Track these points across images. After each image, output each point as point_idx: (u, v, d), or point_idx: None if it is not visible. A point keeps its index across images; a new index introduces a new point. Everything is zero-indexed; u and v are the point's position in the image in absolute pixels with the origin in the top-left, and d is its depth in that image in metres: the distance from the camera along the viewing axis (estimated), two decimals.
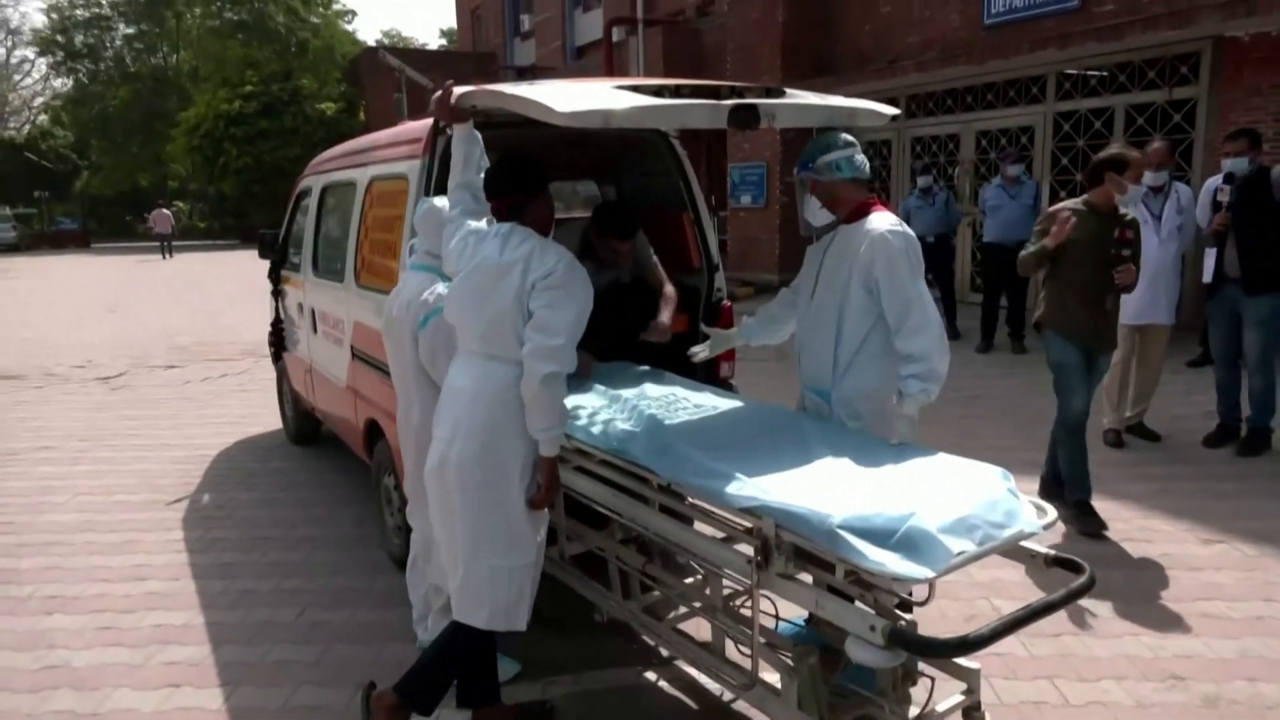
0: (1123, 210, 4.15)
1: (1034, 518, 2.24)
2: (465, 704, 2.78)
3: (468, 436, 2.59)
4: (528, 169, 2.69)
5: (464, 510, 2.62)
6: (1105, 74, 9.62)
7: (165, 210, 31.61)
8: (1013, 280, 8.45)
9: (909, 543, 1.99)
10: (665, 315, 3.68)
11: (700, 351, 3.40)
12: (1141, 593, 3.69)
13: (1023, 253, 4.30)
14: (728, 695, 2.97)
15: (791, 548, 2.19)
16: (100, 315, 14.36)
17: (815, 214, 2.92)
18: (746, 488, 2.32)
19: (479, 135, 2.92)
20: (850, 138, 2.84)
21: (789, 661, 2.43)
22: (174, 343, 11.23)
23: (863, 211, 2.83)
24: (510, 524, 2.62)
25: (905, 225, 2.79)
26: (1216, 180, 5.40)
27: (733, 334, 3.42)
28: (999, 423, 6.22)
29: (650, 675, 3.19)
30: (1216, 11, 7.89)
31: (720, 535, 2.76)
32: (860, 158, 2.81)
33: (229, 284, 18.97)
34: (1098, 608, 3.51)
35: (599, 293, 2.75)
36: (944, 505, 2.13)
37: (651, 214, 4.21)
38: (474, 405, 2.60)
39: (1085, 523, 4.24)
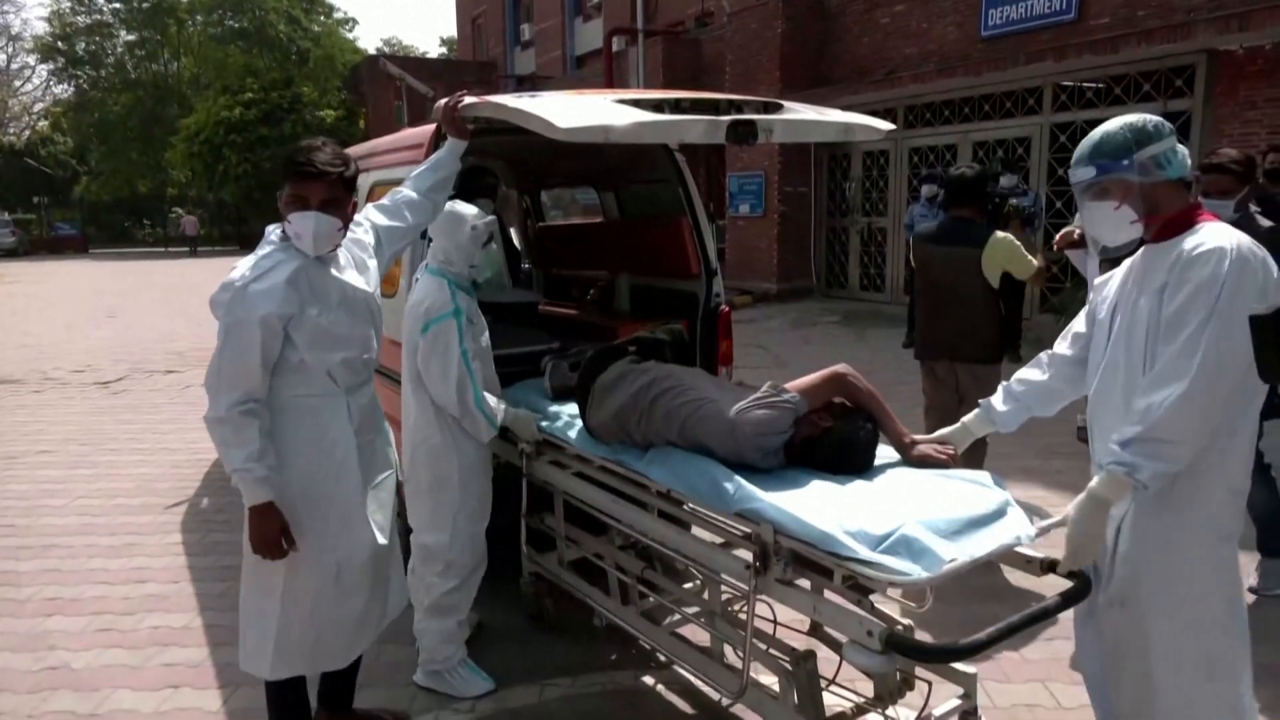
0: None
1: (1028, 524, 2.27)
2: None
3: None
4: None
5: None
6: (1101, 86, 9.70)
7: (191, 216, 38.20)
8: (1009, 291, 8.50)
9: (905, 548, 2.01)
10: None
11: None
12: None
13: None
14: (725, 699, 2.99)
15: (790, 553, 2.21)
16: (99, 320, 14.37)
17: (1121, 229, 2.08)
18: (743, 492, 2.34)
19: (460, 161, 2.95)
20: (1167, 123, 2.07)
21: (787, 665, 2.45)
22: (173, 348, 11.24)
23: (1183, 224, 2.03)
24: (245, 559, 2.44)
25: (1255, 247, 1.93)
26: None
27: (971, 423, 2.68)
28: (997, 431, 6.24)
29: (648, 679, 3.21)
30: (1211, 25, 7.96)
31: (719, 541, 2.79)
32: (1184, 149, 2.07)
33: None
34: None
35: None
36: (939, 511, 2.16)
37: (651, 220, 4.24)
38: None
39: None
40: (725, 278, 4.32)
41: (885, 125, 3.07)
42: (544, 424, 3.21)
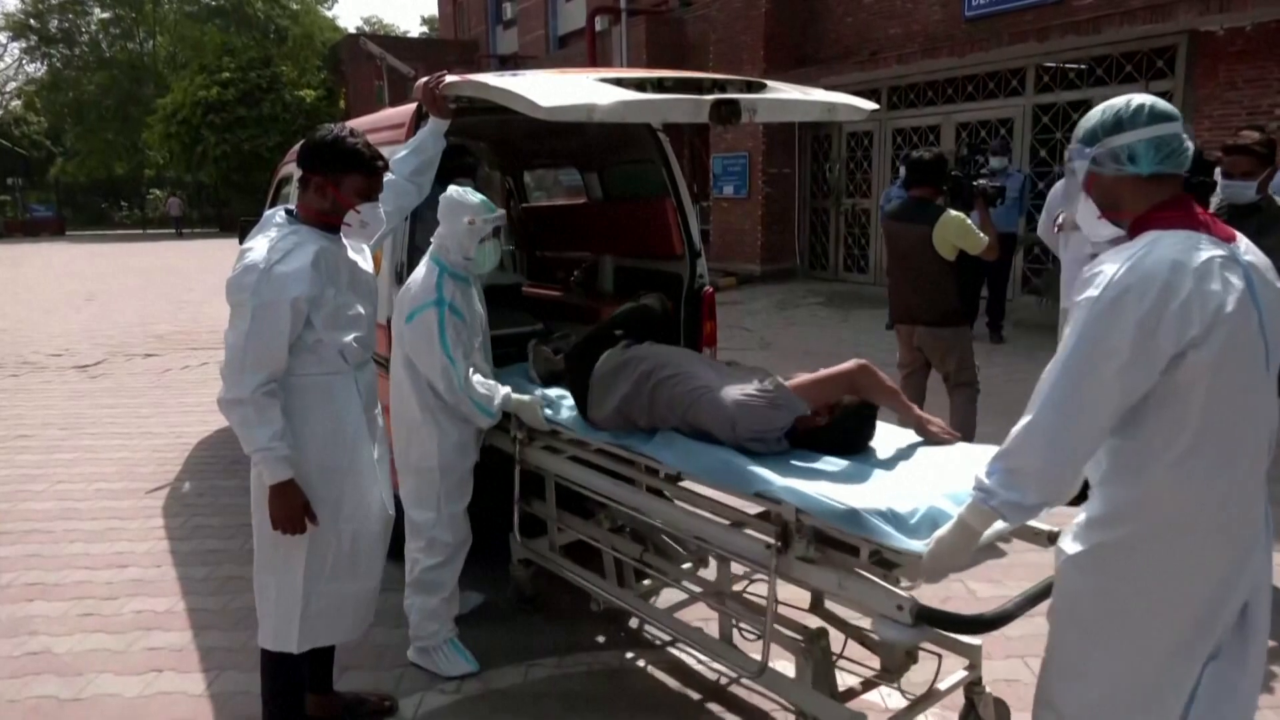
0: None
1: None
2: None
3: None
4: (310, 143, 2.44)
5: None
6: (1083, 67, 9.72)
7: (176, 197, 39.09)
8: (993, 272, 8.54)
9: (932, 524, 2.03)
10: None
11: None
12: None
13: None
14: (710, 675, 3.02)
15: (812, 531, 2.20)
16: (77, 304, 14.20)
17: (1091, 221, 1.83)
18: (761, 473, 2.34)
19: (444, 141, 2.92)
20: (1167, 107, 1.73)
21: (801, 644, 2.45)
22: (153, 331, 11.14)
23: (1137, 229, 1.72)
24: (262, 538, 2.50)
25: (1172, 272, 1.58)
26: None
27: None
28: (984, 409, 6.28)
29: (633, 659, 3.22)
30: (1192, 6, 7.99)
31: (726, 523, 2.77)
32: (1179, 141, 1.72)
33: (207, 274, 18.77)
34: None
35: None
36: (962, 488, 2.16)
37: (634, 201, 4.22)
38: None
39: None
40: (709, 259, 4.32)
41: (869, 105, 3.07)
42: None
